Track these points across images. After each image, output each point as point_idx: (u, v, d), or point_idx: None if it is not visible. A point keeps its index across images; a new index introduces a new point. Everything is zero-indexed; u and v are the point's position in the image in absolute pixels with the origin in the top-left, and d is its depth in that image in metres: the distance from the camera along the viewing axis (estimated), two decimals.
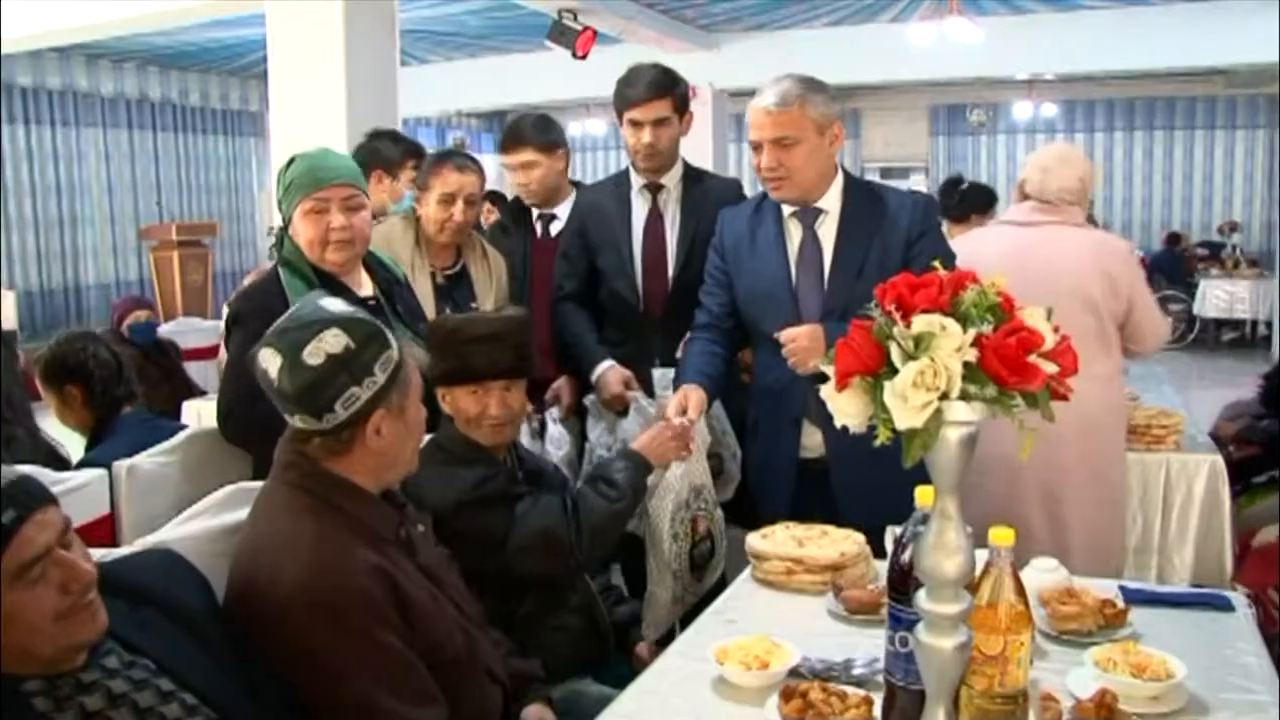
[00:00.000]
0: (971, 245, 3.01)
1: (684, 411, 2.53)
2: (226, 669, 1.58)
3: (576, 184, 3.66)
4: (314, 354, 1.69)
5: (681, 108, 3.21)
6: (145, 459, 2.73)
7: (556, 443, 3.08)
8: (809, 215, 2.70)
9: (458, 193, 3.12)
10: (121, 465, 2.66)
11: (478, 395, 2.29)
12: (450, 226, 3.15)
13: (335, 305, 1.81)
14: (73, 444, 3.22)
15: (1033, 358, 1.29)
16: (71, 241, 10.74)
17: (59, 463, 2.69)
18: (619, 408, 2.97)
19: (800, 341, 2.52)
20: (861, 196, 2.72)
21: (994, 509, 2.67)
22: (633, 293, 3.20)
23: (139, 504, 2.65)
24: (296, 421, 1.74)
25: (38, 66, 9.97)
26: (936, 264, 1.38)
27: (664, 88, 3.17)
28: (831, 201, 2.69)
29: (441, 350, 2.30)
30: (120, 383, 3.13)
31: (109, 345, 3.21)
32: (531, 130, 3.45)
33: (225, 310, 3.00)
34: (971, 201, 5.38)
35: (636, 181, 3.26)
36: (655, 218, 3.23)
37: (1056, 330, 1.34)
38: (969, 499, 2.64)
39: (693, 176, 3.29)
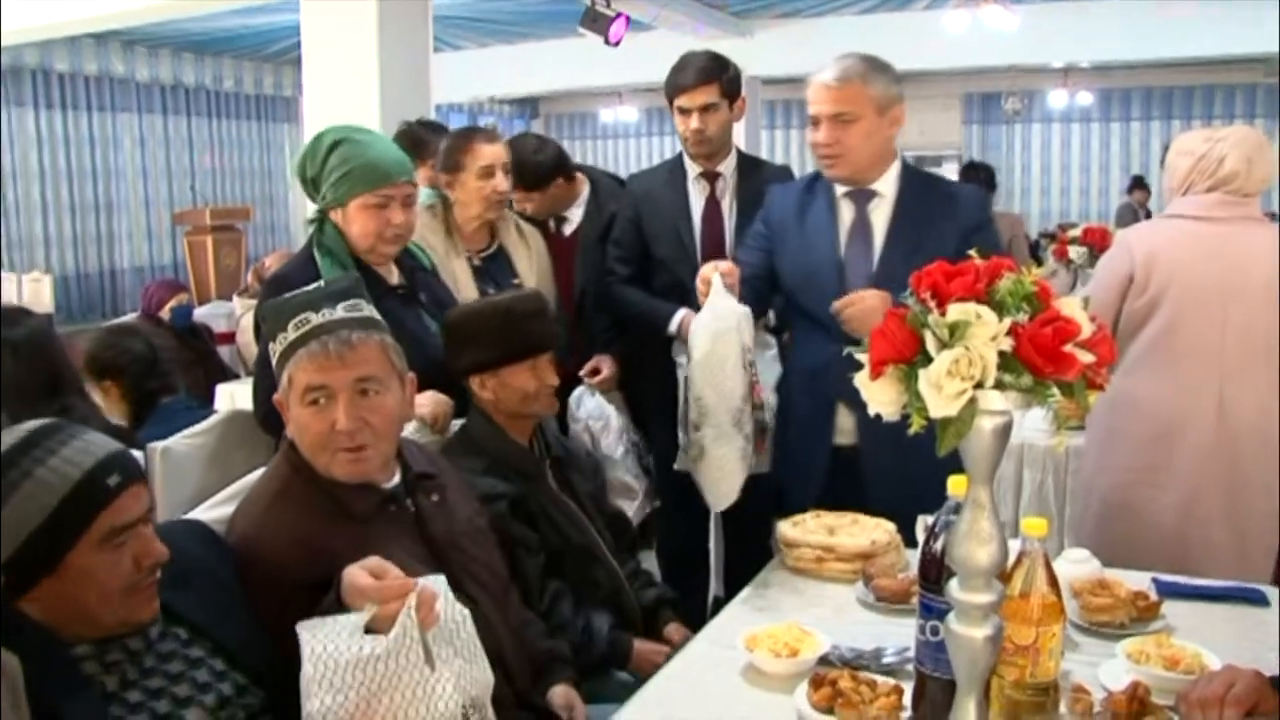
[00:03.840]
0: (1148, 243, 2.75)
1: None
2: (258, 634, 1.64)
3: (591, 175, 3.65)
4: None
5: (731, 93, 3.19)
6: (178, 441, 2.75)
7: (595, 415, 3.08)
8: (862, 197, 2.67)
9: (495, 163, 3.08)
10: (156, 447, 2.69)
11: (535, 369, 2.32)
12: (495, 198, 3.11)
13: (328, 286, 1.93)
14: None
15: (1069, 347, 1.27)
16: (107, 226, 10.82)
17: (120, 436, 2.73)
18: None
19: (869, 301, 2.46)
20: (918, 184, 2.70)
21: (1169, 519, 2.64)
22: (689, 279, 3.21)
23: (172, 485, 2.68)
24: None
25: (75, 53, 10.05)
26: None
27: (711, 73, 3.16)
28: (886, 185, 2.67)
29: (492, 332, 2.31)
30: (155, 375, 3.16)
31: (147, 338, 3.23)
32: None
33: (236, 299, 3.04)
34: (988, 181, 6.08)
35: (692, 170, 3.27)
36: (713, 206, 3.24)
37: (1094, 319, 1.33)
38: (1144, 509, 2.62)
39: (748, 164, 3.29)
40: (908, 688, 1.63)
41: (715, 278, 2.45)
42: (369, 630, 1.42)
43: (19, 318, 2.88)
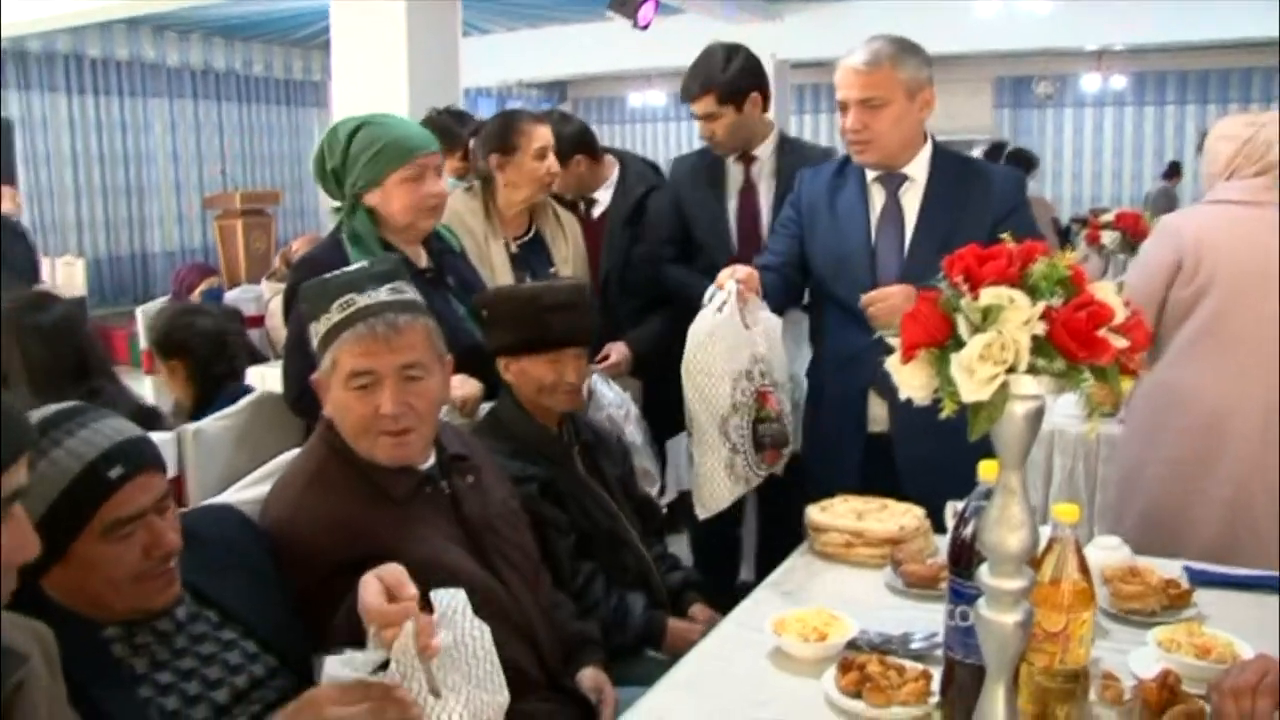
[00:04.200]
0: (1197, 229, 2.67)
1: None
2: (290, 618, 1.66)
3: (622, 158, 3.64)
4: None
5: (732, 96, 3.18)
6: (209, 422, 2.78)
7: (616, 403, 3.08)
8: (893, 181, 2.65)
9: (546, 144, 3.08)
10: (188, 429, 2.71)
11: (555, 364, 2.30)
12: (548, 179, 3.10)
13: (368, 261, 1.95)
14: None
15: (1103, 332, 1.26)
16: (138, 210, 10.92)
17: (149, 418, 2.75)
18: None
19: (894, 300, 2.44)
20: (950, 168, 2.67)
21: (1216, 512, 2.58)
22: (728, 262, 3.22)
23: (204, 465, 2.70)
24: None
25: (107, 38, 10.11)
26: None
27: (706, 83, 3.19)
28: (918, 169, 2.64)
29: (517, 319, 2.31)
30: (221, 359, 3.18)
31: (217, 320, 3.24)
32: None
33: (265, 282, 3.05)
34: (1016, 160, 5.69)
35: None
36: (748, 188, 3.25)
37: (1127, 304, 1.32)
38: (1192, 501, 2.57)
39: (787, 146, 3.28)
40: (936, 673, 1.63)
41: (730, 284, 2.45)
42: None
43: (47, 303, 2.91)
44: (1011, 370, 1.25)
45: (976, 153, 13.49)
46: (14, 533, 1.05)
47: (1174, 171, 11.70)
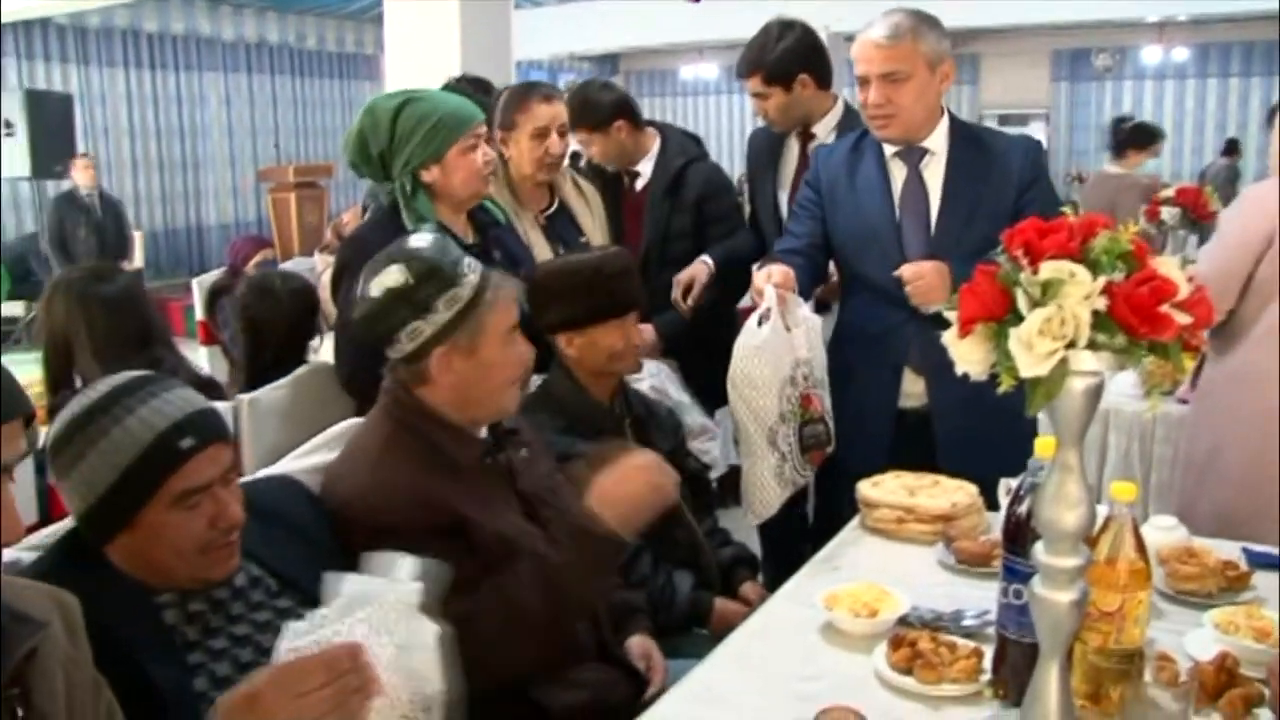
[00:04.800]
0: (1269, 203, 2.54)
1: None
2: None
3: (663, 131, 3.61)
4: (376, 286, 1.82)
5: (777, 78, 3.14)
6: (265, 393, 2.81)
7: (651, 372, 3.05)
8: (914, 155, 2.61)
9: (550, 124, 2.98)
10: (243, 399, 2.75)
11: (623, 329, 2.33)
12: (549, 161, 3.02)
13: (418, 241, 1.91)
14: None
15: (1166, 307, 1.24)
16: (194, 183, 11.08)
17: (207, 388, 2.80)
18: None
19: (929, 279, 2.43)
20: (969, 139, 2.63)
21: (1235, 493, 2.51)
22: (776, 240, 3.22)
23: (259, 435, 2.74)
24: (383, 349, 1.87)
25: (163, 12, 10.25)
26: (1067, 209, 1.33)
27: (753, 63, 3.17)
28: (937, 142, 2.60)
29: (583, 290, 2.31)
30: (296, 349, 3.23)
31: (290, 301, 3.28)
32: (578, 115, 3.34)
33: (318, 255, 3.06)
34: (1133, 137, 6.15)
35: None
36: (804, 167, 3.21)
37: (1191, 280, 1.29)
38: (1271, 493, 2.49)
39: (849, 124, 3.23)
40: (987, 651, 1.61)
41: (769, 290, 2.42)
42: None
43: (111, 274, 2.98)
44: (1071, 345, 1.23)
45: (1035, 128, 13.33)
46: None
47: (1231, 149, 11.42)
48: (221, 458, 1.47)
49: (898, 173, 2.63)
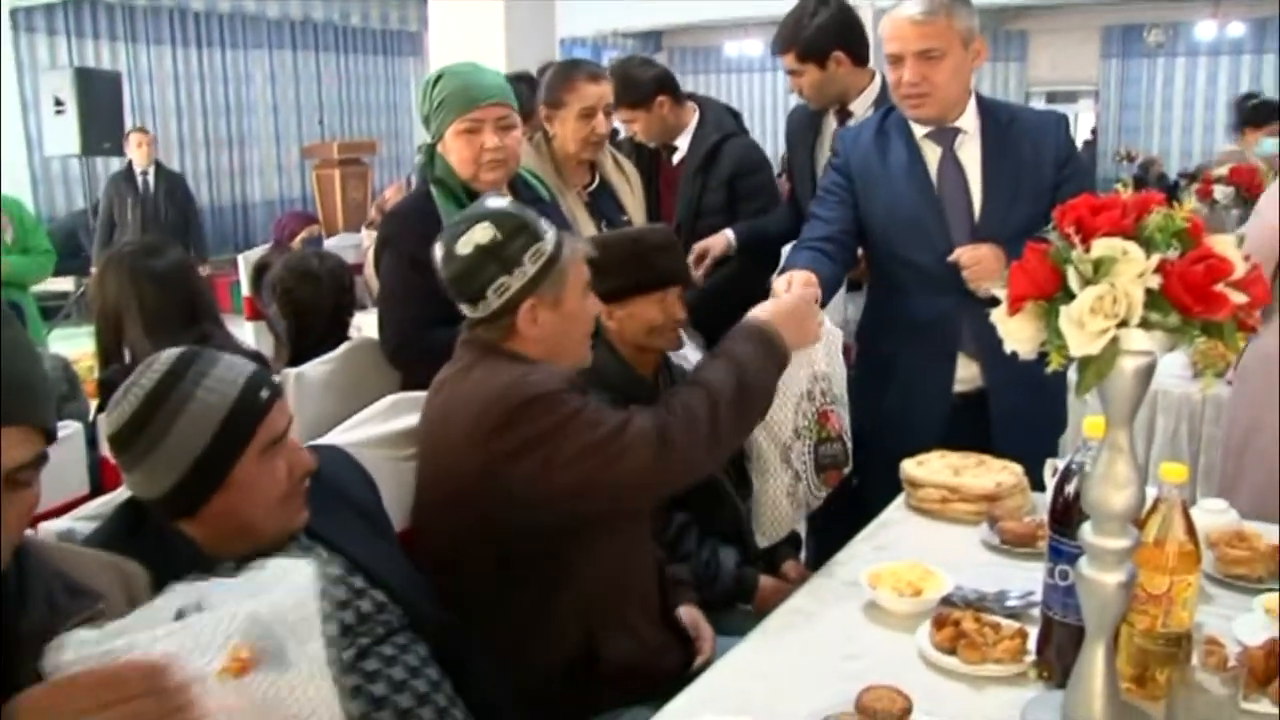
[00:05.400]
0: None
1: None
2: (395, 553, 1.73)
3: (702, 105, 3.59)
4: (465, 244, 1.85)
5: (810, 55, 3.11)
6: (312, 367, 2.84)
7: (692, 347, 3.06)
8: (947, 136, 2.55)
9: (597, 104, 3.00)
10: (290, 372, 2.77)
11: (663, 303, 2.32)
12: (594, 140, 3.03)
13: (496, 203, 1.97)
14: None
15: (1220, 286, 1.22)
16: (240, 160, 11.17)
17: (255, 362, 2.85)
18: None
19: (986, 262, 2.37)
20: (999, 118, 2.58)
21: (1269, 474, 2.46)
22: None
23: (305, 409, 2.76)
24: (464, 309, 1.91)
25: None
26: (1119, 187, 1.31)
27: (787, 40, 3.13)
28: (969, 122, 2.55)
29: (625, 262, 2.31)
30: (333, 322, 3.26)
31: (329, 281, 3.31)
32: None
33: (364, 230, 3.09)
34: (1253, 115, 6.01)
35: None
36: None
37: (1247, 259, 1.27)
38: (1251, 463, 2.45)
39: (887, 100, 3.20)
40: (1031, 632, 1.60)
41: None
42: None
43: (161, 249, 3.01)
44: (1123, 324, 1.21)
45: (1084, 105, 13.12)
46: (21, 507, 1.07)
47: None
48: (286, 409, 1.53)
49: (931, 154, 2.57)
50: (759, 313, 2.04)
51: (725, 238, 3.29)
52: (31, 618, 1.08)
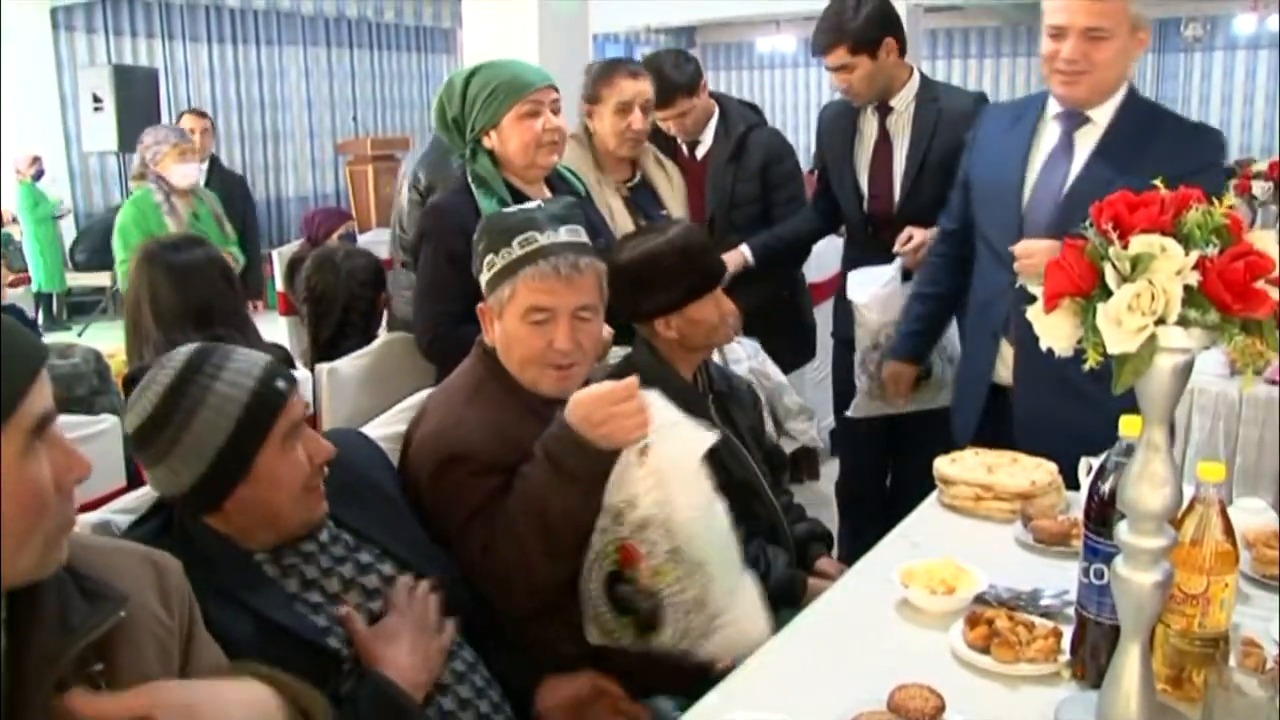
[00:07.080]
0: None
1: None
2: (421, 537, 1.75)
3: (717, 99, 3.58)
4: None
5: (863, 46, 3.09)
6: (345, 362, 2.86)
7: (750, 354, 3.05)
8: (1071, 120, 2.43)
9: (634, 100, 3.02)
10: (323, 367, 2.80)
11: (717, 301, 2.34)
12: (630, 136, 3.04)
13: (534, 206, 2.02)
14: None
15: (1260, 283, 1.20)
16: (274, 155, 11.26)
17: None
18: None
19: (1038, 260, 2.23)
20: (1140, 115, 2.43)
21: None
22: (858, 217, 3.22)
23: (338, 404, 2.78)
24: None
25: None
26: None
27: (836, 35, 3.10)
28: (1103, 114, 2.41)
29: (680, 271, 2.30)
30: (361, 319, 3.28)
31: (347, 271, 3.32)
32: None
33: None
34: None
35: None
36: (883, 141, 3.17)
37: None
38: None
39: (928, 94, 3.17)
40: (1065, 631, 1.59)
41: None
42: None
43: (188, 245, 2.97)
44: (1161, 322, 1.20)
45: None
46: (57, 456, 1.02)
47: None
48: (302, 399, 1.55)
49: (1049, 134, 2.47)
50: (567, 411, 1.77)
51: (742, 255, 3.31)
52: (40, 636, 1.02)
